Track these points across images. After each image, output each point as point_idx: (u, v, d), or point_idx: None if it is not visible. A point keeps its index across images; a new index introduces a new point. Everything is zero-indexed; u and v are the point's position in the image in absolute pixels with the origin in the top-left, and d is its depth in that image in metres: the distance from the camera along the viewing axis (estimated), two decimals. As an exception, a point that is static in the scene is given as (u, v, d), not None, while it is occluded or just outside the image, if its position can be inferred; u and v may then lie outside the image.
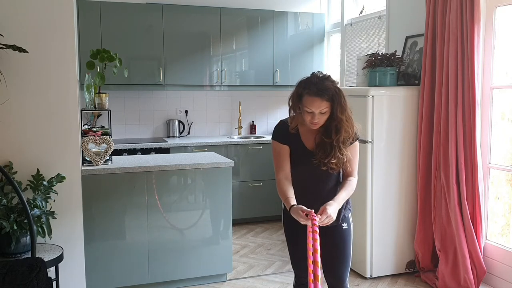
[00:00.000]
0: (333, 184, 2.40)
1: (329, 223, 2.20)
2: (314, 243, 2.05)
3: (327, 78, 2.26)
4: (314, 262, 2.00)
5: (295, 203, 2.25)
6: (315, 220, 2.10)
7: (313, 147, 2.34)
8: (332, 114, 2.24)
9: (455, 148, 3.48)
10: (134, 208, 3.51)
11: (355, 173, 2.41)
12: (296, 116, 2.36)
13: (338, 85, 2.29)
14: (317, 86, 2.20)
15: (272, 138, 2.43)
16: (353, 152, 2.37)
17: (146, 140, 5.29)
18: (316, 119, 2.23)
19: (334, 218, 2.20)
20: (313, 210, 2.16)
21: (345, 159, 2.30)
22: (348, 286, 2.49)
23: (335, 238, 2.42)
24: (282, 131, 2.39)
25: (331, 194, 2.34)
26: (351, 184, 2.37)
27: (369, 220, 3.76)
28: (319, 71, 2.32)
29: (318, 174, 2.34)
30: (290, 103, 2.33)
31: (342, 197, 2.30)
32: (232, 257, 3.87)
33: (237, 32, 5.53)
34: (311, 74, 2.29)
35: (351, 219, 2.49)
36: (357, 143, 2.38)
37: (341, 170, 2.39)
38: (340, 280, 2.46)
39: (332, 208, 2.19)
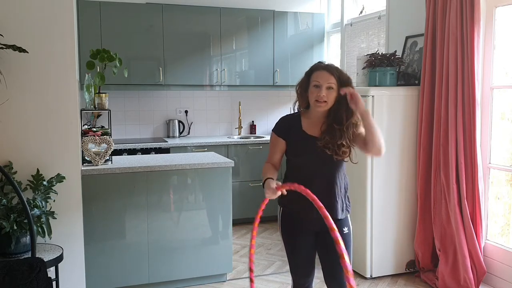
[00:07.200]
0: (336, 174, 2.35)
1: (357, 103, 2.18)
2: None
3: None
4: None
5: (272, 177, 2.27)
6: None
7: (319, 134, 2.31)
8: (340, 98, 2.25)
9: (455, 148, 3.48)
10: (134, 208, 3.51)
11: None
12: (302, 103, 2.38)
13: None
14: (326, 64, 2.32)
15: (272, 129, 2.46)
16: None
17: (146, 140, 5.29)
18: (323, 93, 2.22)
19: (360, 99, 2.19)
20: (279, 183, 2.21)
21: (347, 148, 2.27)
22: None
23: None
24: (282, 125, 2.41)
25: (335, 185, 2.33)
26: None
27: (369, 220, 3.76)
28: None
29: (321, 162, 2.30)
30: (298, 87, 2.36)
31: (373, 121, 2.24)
32: (232, 257, 3.87)
33: (237, 32, 5.53)
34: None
35: (350, 222, 2.47)
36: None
37: (343, 174, 2.37)
38: (341, 285, 2.44)
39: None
